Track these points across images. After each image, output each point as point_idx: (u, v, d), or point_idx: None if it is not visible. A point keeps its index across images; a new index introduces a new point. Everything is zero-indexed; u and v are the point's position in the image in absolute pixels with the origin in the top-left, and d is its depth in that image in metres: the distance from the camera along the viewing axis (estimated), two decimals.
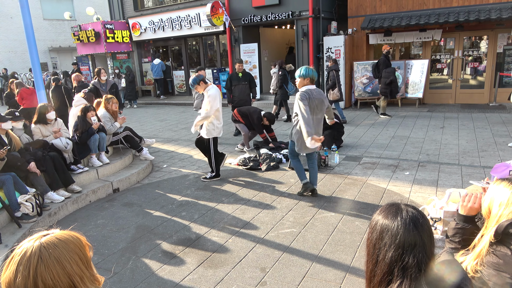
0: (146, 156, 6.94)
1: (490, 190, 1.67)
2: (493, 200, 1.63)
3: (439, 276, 1.20)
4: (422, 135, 7.99)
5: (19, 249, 1.07)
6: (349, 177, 5.76)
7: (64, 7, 23.78)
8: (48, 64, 23.34)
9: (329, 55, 11.73)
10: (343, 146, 7.41)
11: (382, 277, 1.22)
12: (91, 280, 1.13)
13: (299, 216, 4.53)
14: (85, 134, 5.92)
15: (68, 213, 5.11)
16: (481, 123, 8.67)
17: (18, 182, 4.60)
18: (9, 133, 4.93)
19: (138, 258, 3.82)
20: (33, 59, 6.30)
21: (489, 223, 1.62)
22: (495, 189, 1.64)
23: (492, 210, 1.62)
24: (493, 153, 6.46)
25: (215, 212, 4.82)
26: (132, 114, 13.40)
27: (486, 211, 1.66)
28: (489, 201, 1.65)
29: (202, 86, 5.63)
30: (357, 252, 3.68)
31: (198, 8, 14.28)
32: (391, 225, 1.23)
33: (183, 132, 9.93)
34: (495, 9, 9.85)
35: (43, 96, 6.45)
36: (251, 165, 6.48)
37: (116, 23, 16.49)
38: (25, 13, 6.02)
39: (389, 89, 9.78)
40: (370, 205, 4.72)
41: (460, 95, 11.49)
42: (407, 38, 11.43)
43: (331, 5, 12.78)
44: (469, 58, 11.27)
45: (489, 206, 1.64)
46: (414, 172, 5.79)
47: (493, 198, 1.63)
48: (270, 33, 15.31)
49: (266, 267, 3.51)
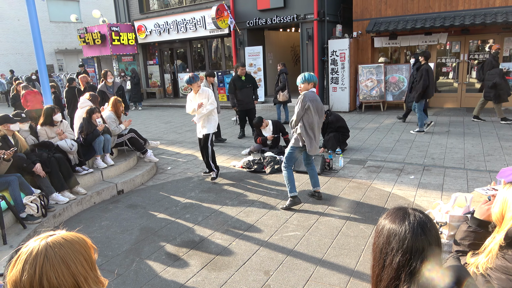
0: (150, 158, 6.95)
1: (502, 194, 1.63)
2: (507, 203, 1.59)
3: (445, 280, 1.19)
4: (427, 138, 7.95)
5: (25, 248, 1.08)
6: (353, 181, 5.73)
7: (71, 9, 24.01)
8: (54, 66, 23.52)
9: (334, 58, 11.73)
10: (347, 149, 7.39)
11: (389, 282, 1.20)
12: (95, 281, 1.13)
13: (303, 219, 4.52)
14: (90, 135, 5.95)
15: (73, 214, 5.13)
16: (486, 127, 8.61)
17: (23, 183, 4.62)
18: (16, 135, 4.96)
19: (142, 260, 3.82)
20: (40, 61, 6.34)
21: (503, 226, 1.59)
22: (508, 193, 1.61)
23: (506, 214, 1.59)
24: (499, 157, 6.41)
25: (219, 214, 4.81)
26: (137, 116, 13.46)
27: (498, 216, 1.63)
28: (501, 205, 1.62)
29: (198, 85, 5.83)
30: (362, 256, 3.66)
31: (203, 11, 14.34)
32: (398, 230, 1.22)
33: (188, 134, 9.94)
34: (502, 13, 9.80)
35: (49, 98, 6.49)
36: (255, 167, 6.47)
37: (121, 26, 16.60)
38: (32, 15, 6.07)
39: (494, 92, 8.70)
40: (374, 209, 4.70)
41: (466, 98, 11.42)
42: (412, 42, 11.39)
43: (336, 8, 12.78)
44: (475, 62, 11.22)
45: (502, 209, 1.61)
46: (419, 176, 5.76)
47: (506, 202, 1.60)
48: (275, 36, 15.34)
49: (270, 270, 3.49)
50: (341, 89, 11.79)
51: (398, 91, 11.55)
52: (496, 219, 1.65)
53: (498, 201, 1.64)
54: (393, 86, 11.60)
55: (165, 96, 17.82)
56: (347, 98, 11.80)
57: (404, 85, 11.40)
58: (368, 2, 11.81)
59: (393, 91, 11.62)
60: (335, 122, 7.21)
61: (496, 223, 1.66)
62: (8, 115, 5.02)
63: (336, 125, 7.21)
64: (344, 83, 11.74)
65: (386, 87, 11.61)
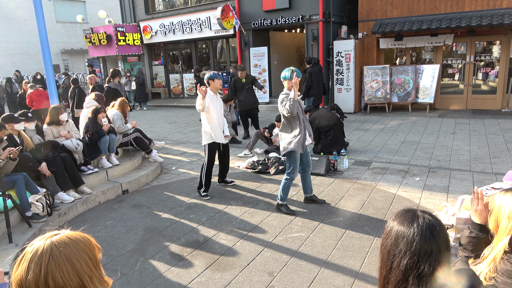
0: (155, 158, 6.97)
1: (496, 202, 1.62)
2: (501, 211, 1.58)
3: (454, 284, 1.17)
4: (433, 140, 7.90)
5: (30, 247, 1.08)
6: (358, 182, 5.71)
7: (77, 10, 24.15)
8: (60, 66, 23.66)
9: (339, 59, 11.70)
10: (351, 150, 7.36)
11: (396, 285, 1.19)
12: (100, 280, 1.13)
13: (308, 220, 4.50)
14: (95, 135, 5.97)
15: (78, 213, 5.15)
16: (493, 129, 8.55)
17: (29, 182, 4.65)
18: (21, 134, 4.99)
19: (146, 259, 3.83)
20: (46, 61, 6.38)
21: (499, 235, 1.57)
22: (502, 200, 1.59)
23: (500, 223, 1.57)
24: (506, 159, 6.36)
25: (223, 215, 4.81)
26: (142, 116, 13.50)
27: (494, 224, 1.61)
28: (496, 214, 1.60)
29: (220, 83, 5.43)
30: (366, 258, 3.63)
31: (208, 12, 14.37)
32: (407, 232, 1.21)
33: (192, 134, 9.96)
34: (509, 14, 9.72)
35: (55, 97, 6.53)
36: (259, 168, 6.46)
37: (127, 26, 16.68)
38: (39, 16, 6.11)
39: None
40: (379, 211, 4.67)
41: (472, 100, 11.35)
42: (418, 43, 11.34)
43: (342, 9, 12.75)
44: (481, 63, 11.14)
45: (497, 218, 1.59)
46: (424, 178, 5.72)
47: (500, 210, 1.58)
48: (280, 37, 15.33)
49: (274, 271, 3.48)
50: (346, 90, 11.76)
51: (403, 93, 11.50)
52: (492, 228, 1.63)
53: (493, 209, 1.61)
54: (399, 87, 11.55)
55: (170, 97, 17.87)
56: (352, 99, 11.76)
57: (409, 86, 11.35)
58: (373, 3, 11.77)
59: (399, 93, 11.57)
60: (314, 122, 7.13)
61: (493, 231, 1.63)
62: (13, 114, 5.06)
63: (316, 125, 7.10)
64: (349, 84, 11.70)
65: (391, 89, 11.56)
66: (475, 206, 1.77)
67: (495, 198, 1.64)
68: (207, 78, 5.34)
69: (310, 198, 4.99)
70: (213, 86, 5.31)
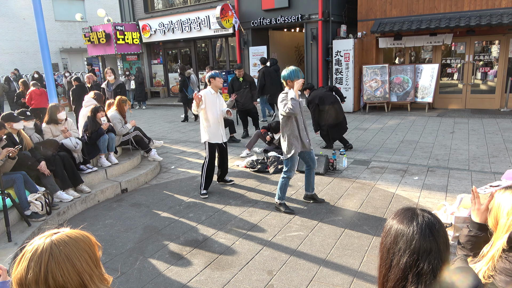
0: (154, 157, 6.97)
1: (496, 200, 1.62)
2: (500, 209, 1.58)
3: (453, 283, 1.18)
4: (432, 140, 7.91)
5: (30, 246, 1.08)
6: (357, 181, 5.72)
7: (76, 8, 24.09)
8: (59, 65, 23.61)
9: (338, 59, 11.70)
10: (353, 149, 7.37)
11: (396, 283, 1.20)
12: (100, 279, 1.13)
13: (307, 219, 4.51)
14: (94, 134, 5.97)
15: (77, 212, 5.14)
16: (491, 129, 8.57)
17: (28, 181, 4.65)
18: (21, 133, 4.98)
19: (145, 258, 3.83)
20: (45, 60, 6.37)
21: (498, 233, 1.58)
22: (502, 198, 1.60)
23: (499, 220, 1.58)
24: (504, 159, 6.37)
25: (222, 214, 4.81)
26: (141, 115, 13.49)
27: (493, 222, 1.62)
28: (495, 211, 1.60)
29: (221, 82, 5.47)
30: (365, 256, 3.64)
31: (208, 11, 14.35)
32: (406, 230, 1.21)
33: (191, 133, 9.96)
34: (508, 14, 9.73)
35: (54, 96, 6.52)
36: (258, 167, 6.47)
37: (126, 25, 16.64)
38: (38, 15, 6.10)
39: None
40: (378, 210, 4.68)
41: (471, 100, 11.36)
42: (417, 42, 11.35)
43: (341, 8, 12.75)
44: (480, 63, 11.15)
45: (496, 215, 1.60)
46: (423, 177, 5.74)
47: (499, 207, 1.59)
48: (279, 36, 15.32)
49: (273, 270, 3.49)
50: (345, 90, 11.75)
51: (402, 92, 11.51)
52: (492, 225, 1.64)
53: (493, 207, 1.62)
54: (398, 87, 11.55)
55: (169, 96, 17.85)
56: (351, 98, 11.76)
57: (408, 86, 11.36)
58: (373, 2, 11.77)
59: (398, 92, 11.58)
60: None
61: (492, 229, 1.64)
62: (12, 113, 5.05)
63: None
64: (348, 84, 11.71)
65: (390, 88, 11.57)
66: (477, 205, 1.78)
67: (495, 196, 1.64)
68: (208, 77, 5.38)
69: (311, 196, 5.01)
70: (214, 84, 5.36)
